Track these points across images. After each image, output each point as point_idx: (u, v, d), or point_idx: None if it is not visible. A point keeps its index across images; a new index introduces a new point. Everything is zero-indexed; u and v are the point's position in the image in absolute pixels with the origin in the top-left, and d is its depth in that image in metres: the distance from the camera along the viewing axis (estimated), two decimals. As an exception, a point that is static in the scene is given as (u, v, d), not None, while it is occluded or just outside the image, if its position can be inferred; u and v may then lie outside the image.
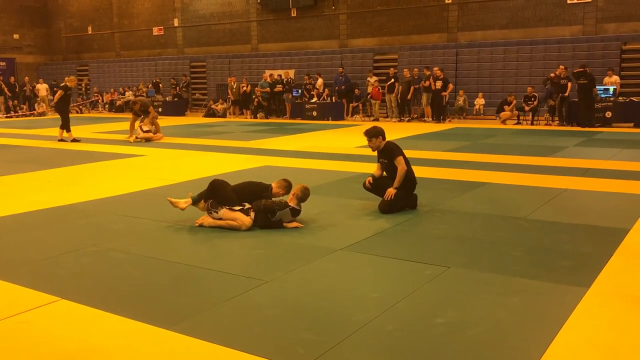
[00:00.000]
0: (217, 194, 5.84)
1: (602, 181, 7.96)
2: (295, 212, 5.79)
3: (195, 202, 5.92)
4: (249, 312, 3.70)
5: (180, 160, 10.75)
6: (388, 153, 6.47)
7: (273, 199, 5.96)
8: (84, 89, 27.88)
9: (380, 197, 6.43)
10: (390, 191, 6.24)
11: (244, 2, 25.79)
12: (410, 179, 6.41)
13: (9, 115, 24.67)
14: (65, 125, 14.04)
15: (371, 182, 6.54)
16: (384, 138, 6.53)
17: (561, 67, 16.71)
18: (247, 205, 5.79)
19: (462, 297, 3.90)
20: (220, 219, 5.74)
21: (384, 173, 6.58)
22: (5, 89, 25.78)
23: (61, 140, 14.00)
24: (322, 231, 5.66)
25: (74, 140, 13.99)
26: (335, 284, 4.21)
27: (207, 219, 5.85)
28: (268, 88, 21.62)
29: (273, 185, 6.13)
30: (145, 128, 14.20)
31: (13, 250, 5.20)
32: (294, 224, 5.75)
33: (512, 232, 5.53)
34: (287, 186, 6.11)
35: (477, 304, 3.79)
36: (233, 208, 5.72)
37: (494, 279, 4.26)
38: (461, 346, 3.19)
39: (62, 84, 14.60)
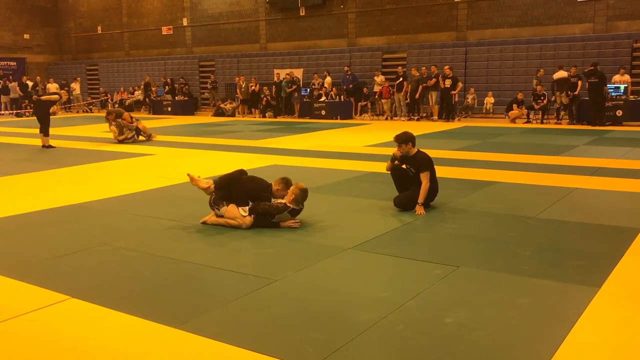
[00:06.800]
0: (233, 189, 5.78)
1: (613, 180, 7.90)
2: (295, 212, 5.76)
3: (216, 186, 5.84)
4: (258, 311, 3.70)
5: (190, 159, 10.77)
6: (417, 163, 6.38)
7: (273, 200, 5.88)
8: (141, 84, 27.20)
9: (395, 185, 6.58)
10: (420, 209, 6.23)
11: (252, 1, 25.79)
12: (432, 189, 6.40)
13: (19, 113, 24.83)
14: (46, 130, 12.72)
15: (397, 163, 6.52)
16: (414, 144, 6.43)
17: (572, 69, 16.61)
18: (250, 204, 5.77)
19: (472, 297, 3.88)
20: (222, 216, 5.74)
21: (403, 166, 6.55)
22: (18, 89, 25.91)
23: (47, 146, 12.74)
24: (331, 230, 5.65)
25: (49, 146, 12.75)
26: (344, 283, 4.20)
27: (212, 217, 5.84)
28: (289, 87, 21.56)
29: (272, 183, 6.02)
30: (120, 138, 13.76)
31: (23, 248, 5.22)
32: (289, 223, 5.70)
33: (522, 231, 5.50)
34: (286, 183, 5.95)
35: (487, 303, 3.77)
36: (239, 209, 5.70)
37: (504, 278, 4.24)
38: (471, 346, 3.18)
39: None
